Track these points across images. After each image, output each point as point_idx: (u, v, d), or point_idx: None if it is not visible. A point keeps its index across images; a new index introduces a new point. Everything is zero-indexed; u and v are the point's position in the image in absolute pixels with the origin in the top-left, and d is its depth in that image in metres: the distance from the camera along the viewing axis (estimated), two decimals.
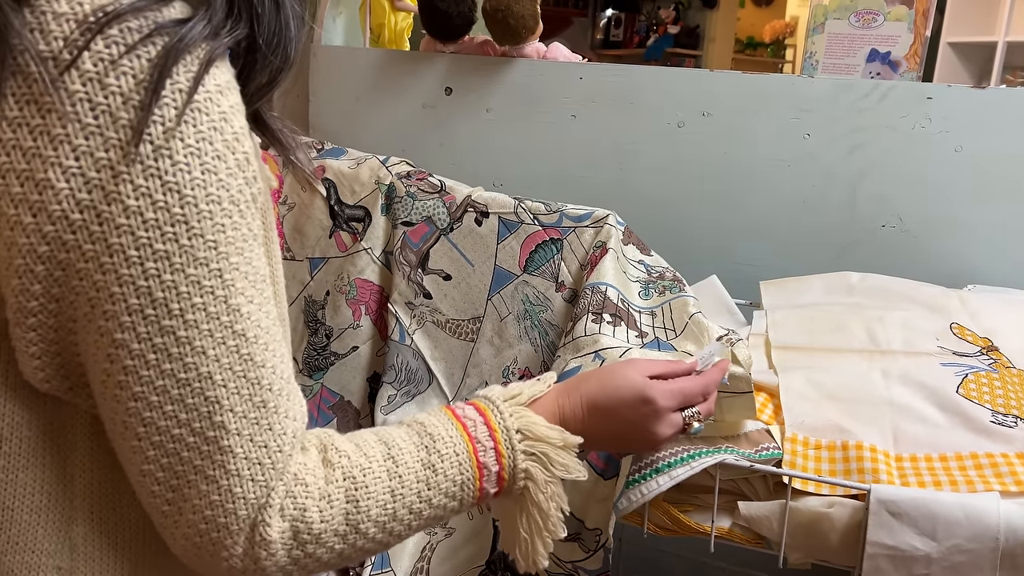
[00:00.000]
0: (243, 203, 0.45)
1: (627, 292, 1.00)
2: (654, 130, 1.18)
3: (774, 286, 1.03)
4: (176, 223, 0.42)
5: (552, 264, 1.07)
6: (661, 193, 1.19)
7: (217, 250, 0.44)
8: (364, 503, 0.51)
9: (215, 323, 0.44)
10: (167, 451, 0.45)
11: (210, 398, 0.45)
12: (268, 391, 0.47)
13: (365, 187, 1.21)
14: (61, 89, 0.39)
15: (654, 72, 1.19)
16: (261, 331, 0.46)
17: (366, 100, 1.37)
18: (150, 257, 0.42)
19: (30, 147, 0.40)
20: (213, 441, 0.45)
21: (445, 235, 1.12)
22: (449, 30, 1.26)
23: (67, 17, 0.40)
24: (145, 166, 0.41)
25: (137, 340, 0.43)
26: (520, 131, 1.27)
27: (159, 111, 0.41)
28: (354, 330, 1.20)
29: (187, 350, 0.44)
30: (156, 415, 0.44)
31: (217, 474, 0.46)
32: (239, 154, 0.44)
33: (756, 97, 1.13)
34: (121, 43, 0.40)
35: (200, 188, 0.42)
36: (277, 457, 0.48)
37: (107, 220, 0.41)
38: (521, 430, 0.59)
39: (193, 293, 0.43)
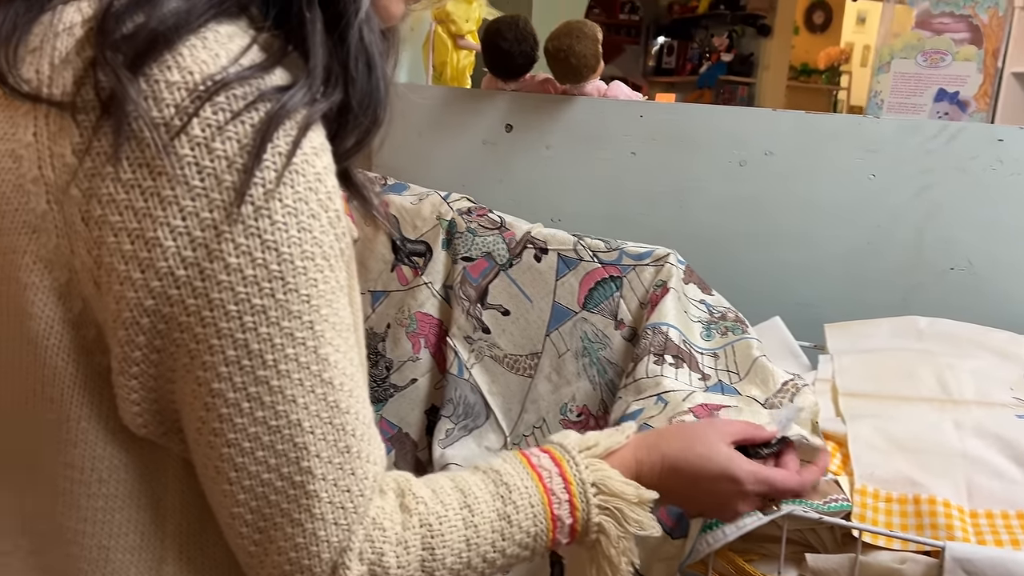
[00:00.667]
0: (333, 257, 0.46)
1: (689, 333, 0.99)
2: (715, 168, 1.18)
3: (839, 329, 1.01)
4: (273, 279, 0.44)
5: (611, 302, 1.07)
6: (722, 232, 1.18)
7: (309, 303, 0.45)
8: (440, 551, 0.52)
9: (305, 372, 0.45)
10: (256, 495, 0.46)
11: (299, 444, 0.46)
12: (352, 436, 0.48)
13: (426, 222, 1.23)
14: (171, 153, 0.41)
15: (715, 111, 1.19)
16: (346, 378, 0.48)
17: (428, 136, 1.39)
18: (248, 311, 0.44)
19: (141, 207, 0.42)
20: (300, 486, 0.46)
21: (504, 271, 1.13)
22: (511, 69, 1.28)
23: (178, 86, 0.42)
24: (246, 226, 0.42)
25: (233, 389, 0.44)
26: (579, 168, 1.28)
27: (260, 174, 0.42)
28: (413, 363, 1.22)
29: (279, 399, 0.45)
30: (248, 460, 0.45)
31: (303, 517, 0.47)
32: (331, 212, 0.46)
33: (820, 136, 1.12)
34: (227, 110, 0.42)
35: (296, 246, 0.44)
36: (359, 501, 0.49)
37: (209, 276, 0.43)
38: (597, 484, 0.58)
39: (286, 344, 0.45)
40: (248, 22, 0.46)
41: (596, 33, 1.20)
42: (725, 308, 1.03)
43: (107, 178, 0.42)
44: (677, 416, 0.85)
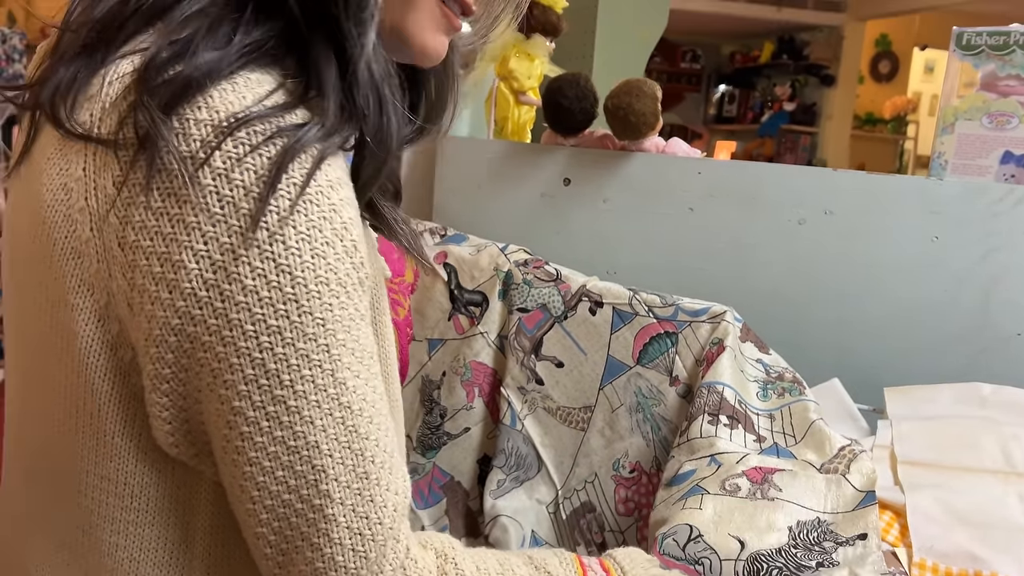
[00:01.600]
0: (350, 285, 0.48)
1: (745, 393, 0.99)
2: (774, 226, 1.18)
3: (900, 394, 0.99)
4: (288, 301, 0.46)
5: (666, 358, 1.07)
6: (779, 290, 1.17)
7: (325, 327, 0.47)
8: None
9: (322, 394, 0.47)
10: (277, 515, 0.48)
11: (316, 466, 0.47)
12: (371, 463, 0.49)
13: (484, 273, 1.25)
14: (195, 183, 0.45)
15: (775, 168, 1.19)
16: (367, 404, 0.49)
17: (488, 188, 1.42)
18: (264, 331, 0.46)
19: (168, 232, 0.46)
20: (319, 509, 0.48)
21: (559, 323, 1.14)
22: (571, 125, 1.30)
23: (205, 123, 0.45)
24: (261, 250, 0.45)
25: (252, 408, 0.46)
26: (636, 222, 1.29)
27: (275, 202, 0.45)
28: (467, 411, 1.23)
29: (296, 419, 0.47)
30: (268, 480, 0.47)
31: (321, 542, 0.48)
32: (347, 241, 0.48)
33: (881, 197, 1.11)
34: (246, 143, 0.45)
35: (310, 270, 0.46)
36: (377, 529, 0.49)
37: (228, 297, 0.46)
38: None
39: (302, 365, 0.47)
40: (279, 71, 0.50)
41: (655, 91, 1.22)
42: (782, 368, 1.02)
43: (140, 206, 0.46)
44: (730, 478, 0.84)
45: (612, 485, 1.06)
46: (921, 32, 6.35)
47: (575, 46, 1.62)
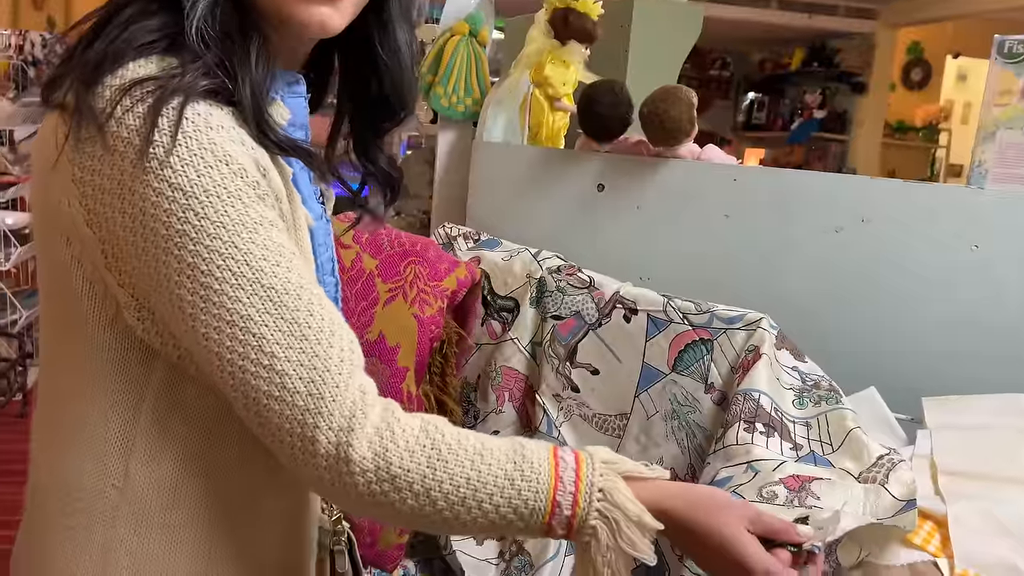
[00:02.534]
0: (246, 197, 0.60)
1: (781, 400, 0.98)
2: (810, 234, 1.17)
3: (938, 403, 0.98)
4: (185, 210, 0.58)
5: (702, 365, 1.07)
6: (815, 298, 1.17)
7: (225, 228, 0.59)
8: (440, 474, 0.60)
9: (242, 279, 0.59)
10: (238, 379, 0.59)
11: (256, 335, 0.59)
12: (307, 327, 0.60)
13: (517, 279, 1.25)
14: (104, 130, 0.59)
15: (810, 176, 1.19)
16: (291, 285, 0.60)
17: (522, 194, 1.43)
18: (175, 235, 0.58)
19: (96, 168, 0.60)
20: (269, 367, 0.59)
21: (594, 330, 1.15)
22: (606, 132, 1.31)
23: (114, 87, 0.60)
24: (156, 175, 0.58)
25: (190, 294, 0.58)
26: (670, 229, 1.29)
27: (157, 136, 0.58)
28: (496, 415, 1.24)
29: (225, 299, 0.58)
30: (222, 350, 0.59)
31: (279, 392, 0.59)
32: (234, 165, 0.60)
33: (919, 205, 1.10)
34: (136, 97, 0.59)
35: (198, 187, 0.58)
36: (326, 376, 0.60)
37: (142, 211, 0.58)
38: (604, 490, 0.62)
39: (214, 259, 0.58)
40: (190, 54, 0.63)
41: (691, 98, 1.22)
42: (819, 376, 1.02)
43: (78, 151, 0.60)
44: (767, 486, 0.84)
45: None
46: (954, 40, 6.27)
47: (609, 52, 1.62)
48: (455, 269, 1.25)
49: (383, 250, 1.26)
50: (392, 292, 1.24)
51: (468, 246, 1.37)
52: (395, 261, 1.26)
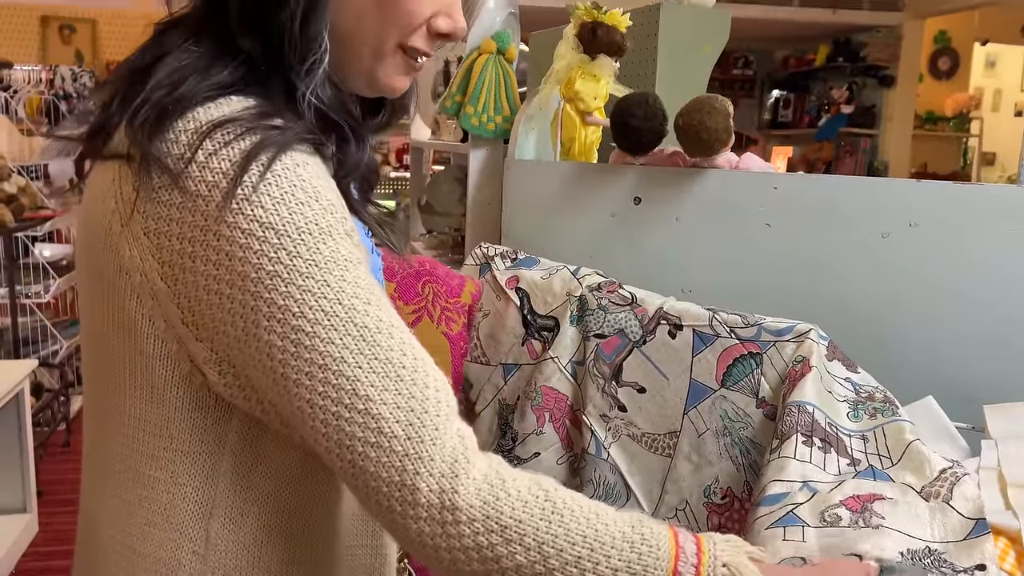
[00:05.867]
0: (336, 234, 0.59)
1: (834, 414, 0.96)
2: (855, 241, 1.15)
3: (1002, 411, 0.95)
4: (278, 250, 0.56)
5: (752, 379, 1.05)
6: (865, 306, 1.14)
7: (318, 266, 0.57)
8: (556, 528, 0.56)
9: (335, 319, 0.56)
10: (332, 428, 0.56)
11: (350, 377, 0.56)
12: (401, 368, 0.58)
13: (557, 298, 1.24)
14: (185, 175, 0.58)
15: (854, 181, 1.16)
16: (382, 324, 0.58)
17: (557, 210, 1.42)
18: (266, 277, 0.56)
19: (176, 216, 0.58)
20: (365, 412, 0.56)
21: (638, 347, 1.13)
22: (640, 145, 1.29)
23: (190, 131, 0.59)
24: (245, 215, 0.57)
25: (279, 338, 0.56)
26: (710, 240, 1.27)
27: (246, 178, 0.57)
28: (537, 436, 1.22)
29: (317, 342, 0.56)
30: (314, 397, 0.56)
31: (378, 438, 0.56)
32: (323, 201, 0.59)
33: (968, 207, 1.08)
34: (221, 140, 0.58)
35: (290, 224, 0.57)
36: (425, 417, 0.57)
37: (229, 256, 0.57)
38: (728, 565, 0.59)
39: (307, 299, 0.56)
40: (253, 97, 0.63)
41: (727, 107, 1.20)
42: (873, 387, 0.99)
43: (152, 201, 0.59)
44: (829, 509, 0.82)
45: (704, 512, 1.03)
46: (982, 27, 6.17)
47: (637, 63, 1.61)
48: (465, 284, 1.25)
49: (396, 272, 1.26)
50: (417, 313, 1.24)
51: (506, 265, 1.36)
52: (411, 282, 1.25)
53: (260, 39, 0.63)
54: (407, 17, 0.68)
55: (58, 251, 3.77)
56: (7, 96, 3.75)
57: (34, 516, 2.66)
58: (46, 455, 3.27)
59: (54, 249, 3.73)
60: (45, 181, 3.79)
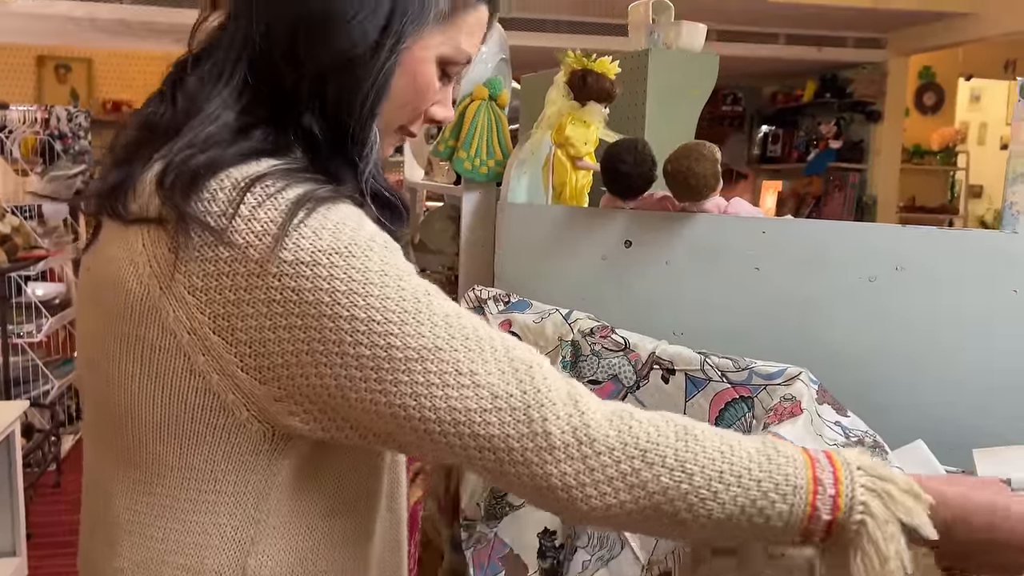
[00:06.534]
0: (406, 271, 0.61)
1: None
2: (843, 284, 1.16)
3: (990, 455, 0.96)
4: (346, 270, 0.58)
5: (744, 423, 1.06)
6: (852, 350, 1.15)
7: (387, 273, 0.59)
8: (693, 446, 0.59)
9: (419, 315, 0.59)
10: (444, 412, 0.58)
11: (450, 360, 0.58)
12: (490, 340, 0.61)
13: (549, 343, 1.25)
14: (230, 230, 0.58)
15: (842, 226, 1.18)
16: (453, 308, 0.61)
17: (549, 253, 1.44)
18: (341, 298, 0.58)
19: (225, 271, 0.59)
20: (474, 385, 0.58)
21: (632, 393, 1.14)
22: (630, 189, 1.31)
23: (227, 188, 0.60)
24: (303, 249, 0.58)
25: (368, 349, 0.58)
26: (701, 283, 1.29)
27: (296, 220, 0.58)
28: None
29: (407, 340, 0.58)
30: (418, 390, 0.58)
31: (495, 403, 0.58)
32: (383, 240, 0.62)
33: (953, 251, 1.10)
34: (263, 194, 0.60)
35: (352, 244, 0.59)
36: (532, 371, 0.60)
37: (298, 289, 0.58)
38: (864, 467, 0.59)
39: (388, 304, 0.58)
40: (287, 159, 0.65)
41: (715, 154, 1.23)
42: (862, 432, 1.00)
43: (195, 260, 0.59)
44: None
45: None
46: (965, 63, 6.28)
47: (627, 107, 1.64)
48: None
49: None
50: None
51: (499, 309, 1.37)
52: None
53: (325, 118, 0.67)
54: (423, 105, 0.73)
55: (51, 290, 3.77)
56: (2, 136, 3.77)
57: (23, 560, 2.63)
58: (36, 496, 3.24)
59: (47, 288, 3.73)
60: (39, 221, 3.80)
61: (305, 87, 0.66)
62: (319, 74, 0.65)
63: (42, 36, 5.59)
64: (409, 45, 0.68)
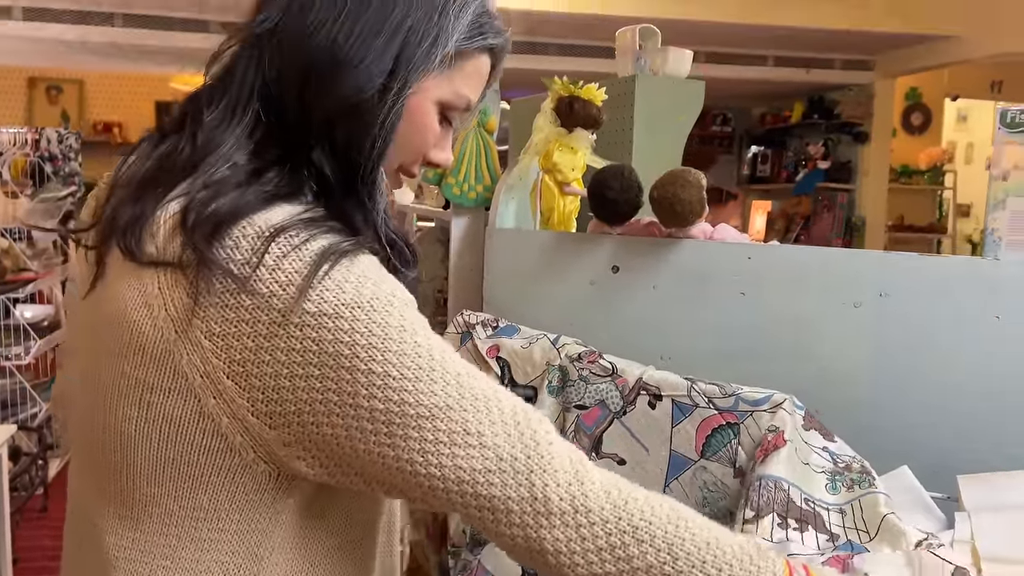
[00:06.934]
0: (409, 303, 0.63)
1: (810, 486, 0.97)
2: (829, 310, 1.17)
3: (974, 482, 0.97)
4: (367, 324, 0.59)
5: (729, 449, 1.06)
6: (837, 375, 1.16)
7: (405, 329, 0.60)
8: (684, 532, 0.61)
9: (432, 373, 0.60)
10: (448, 470, 0.59)
11: (458, 420, 0.60)
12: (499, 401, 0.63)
13: (537, 368, 1.25)
14: (254, 279, 0.59)
15: (826, 252, 1.19)
16: (465, 368, 0.63)
17: (537, 277, 1.44)
18: (360, 350, 0.59)
19: (246, 318, 0.59)
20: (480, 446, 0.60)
21: (618, 418, 1.14)
22: (617, 215, 1.32)
23: (251, 236, 0.60)
24: (326, 301, 0.59)
25: (382, 402, 0.59)
26: (687, 307, 1.30)
27: (320, 272, 0.60)
28: None
29: (420, 397, 0.59)
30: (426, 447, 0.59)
31: (499, 465, 0.60)
32: (403, 295, 0.63)
33: (937, 277, 1.10)
34: (288, 244, 0.60)
35: (373, 299, 0.60)
36: (536, 435, 0.62)
37: (319, 340, 0.59)
38: None
39: (404, 360, 0.60)
40: (302, 202, 0.66)
41: (700, 180, 1.24)
42: (849, 458, 1.01)
43: (216, 306, 0.59)
44: None
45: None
46: (951, 84, 6.35)
47: (614, 133, 1.65)
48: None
49: None
50: None
51: (487, 333, 1.37)
52: None
53: (335, 158, 0.69)
54: (423, 148, 0.76)
55: (39, 312, 3.75)
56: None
57: None
58: (23, 521, 3.20)
59: (35, 310, 3.71)
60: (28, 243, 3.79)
61: (315, 129, 0.68)
62: (328, 118, 0.67)
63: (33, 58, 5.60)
64: (414, 90, 0.70)
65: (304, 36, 0.67)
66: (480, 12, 0.74)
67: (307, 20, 0.67)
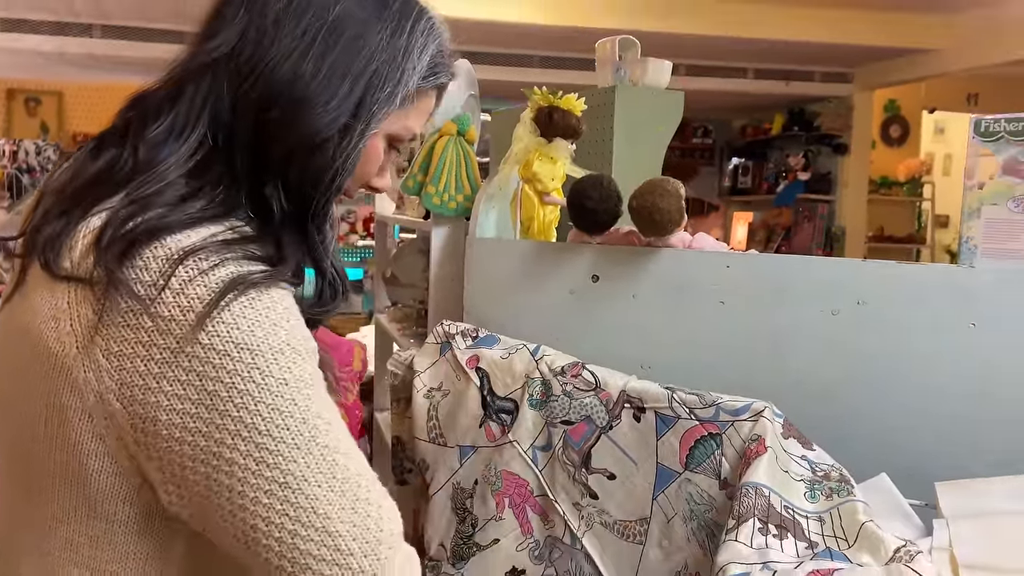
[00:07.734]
0: (304, 352, 0.62)
1: (790, 494, 0.97)
2: (807, 318, 1.17)
3: (952, 488, 0.97)
4: (251, 369, 0.58)
5: (713, 460, 1.05)
6: (816, 383, 1.16)
7: (288, 384, 0.59)
8: None
9: (300, 438, 0.59)
10: (287, 545, 0.58)
11: (310, 496, 0.58)
12: (358, 489, 0.61)
13: (517, 380, 1.25)
14: (158, 301, 0.58)
15: (804, 261, 1.20)
16: (340, 443, 0.61)
17: (517, 287, 1.44)
18: (236, 395, 0.58)
19: (145, 340, 0.59)
20: (323, 530, 0.58)
21: (605, 433, 1.13)
22: (596, 225, 1.32)
23: (161, 258, 0.60)
24: (221, 336, 0.58)
25: (242, 456, 0.58)
26: (667, 316, 1.30)
27: (225, 303, 0.59)
28: (496, 522, 1.21)
29: (279, 459, 0.58)
30: (271, 514, 0.57)
31: (334, 556, 0.58)
32: (293, 320, 0.62)
33: (913, 285, 1.11)
34: (195, 268, 0.60)
35: (264, 343, 0.59)
36: (380, 536, 0.60)
37: (202, 375, 0.58)
38: None
39: (275, 416, 0.58)
40: (228, 225, 0.65)
41: (679, 190, 1.24)
42: (828, 466, 1.01)
43: (118, 325, 0.59)
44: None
45: None
46: (928, 96, 6.44)
47: (594, 143, 1.66)
48: (354, 350, 1.26)
49: None
50: None
51: (467, 343, 1.37)
52: None
53: (288, 191, 0.69)
54: (367, 177, 0.78)
55: None
56: None
57: None
58: None
59: None
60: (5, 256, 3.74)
61: (271, 163, 0.68)
62: (287, 153, 0.67)
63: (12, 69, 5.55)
64: (375, 130, 0.72)
65: (266, 68, 0.66)
66: (436, 52, 0.75)
67: (268, 52, 0.66)
